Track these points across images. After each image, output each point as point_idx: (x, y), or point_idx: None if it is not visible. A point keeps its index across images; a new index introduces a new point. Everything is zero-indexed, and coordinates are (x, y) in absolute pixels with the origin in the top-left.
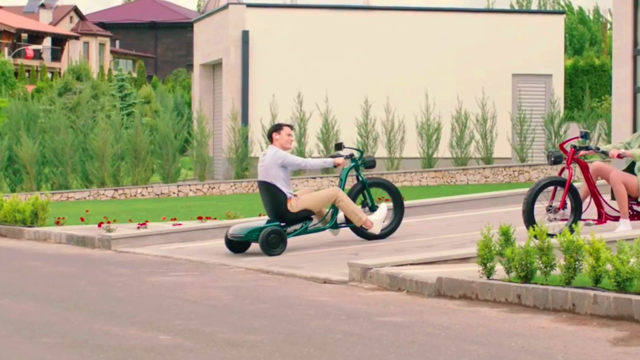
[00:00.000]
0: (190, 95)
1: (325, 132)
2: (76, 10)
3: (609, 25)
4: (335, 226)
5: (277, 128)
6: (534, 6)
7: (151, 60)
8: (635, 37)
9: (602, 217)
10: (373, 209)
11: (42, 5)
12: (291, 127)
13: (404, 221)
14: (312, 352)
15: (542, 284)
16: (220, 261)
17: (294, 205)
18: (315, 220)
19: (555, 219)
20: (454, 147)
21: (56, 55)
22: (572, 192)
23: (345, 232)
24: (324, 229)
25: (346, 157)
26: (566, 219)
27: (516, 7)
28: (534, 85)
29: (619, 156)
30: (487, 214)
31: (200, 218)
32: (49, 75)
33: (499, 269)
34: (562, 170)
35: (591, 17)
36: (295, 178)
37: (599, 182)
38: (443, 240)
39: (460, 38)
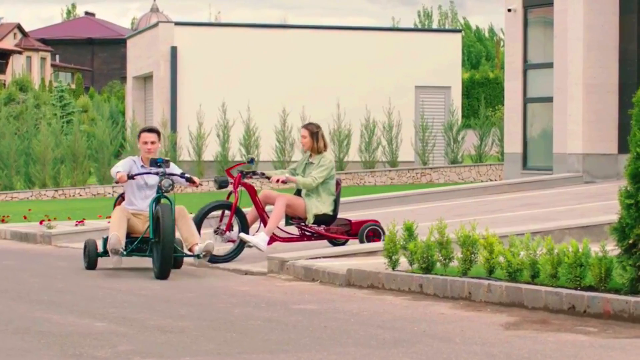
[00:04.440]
0: (124, 104)
1: (247, 138)
2: (19, 27)
3: (502, 43)
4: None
5: None
6: (435, 25)
7: (88, 73)
8: (525, 53)
9: (270, 240)
10: None
11: None
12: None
13: None
14: (234, 337)
15: (441, 275)
16: None
17: None
18: None
19: (223, 240)
20: (363, 152)
21: (1, 69)
22: (239, 215)
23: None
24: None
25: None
26: (233, 241)
27: (419, 26)
28: (435, 96)
29: (283, 182)
30: (392, 211)
31: None
32: None
33: (403, 261)
34: (230, 194)
35: (486, 35)
36: None
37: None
38: None
39: (368, 54)
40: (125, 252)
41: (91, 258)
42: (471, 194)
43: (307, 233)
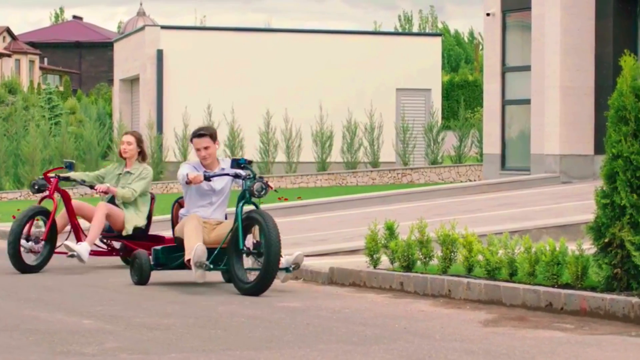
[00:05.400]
0: (111, 107)
1: (232, 139)
2: (8, 30)
3: (481, 46)
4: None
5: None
6: (415, 29)
7: (76, 76)
8: (503, 56)
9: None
10: None
11: None
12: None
13: (301, 217)
14: (218, 334)
15: (422, 273)
16: None
17: None
18: None
19: (31, 250)
20: (345, 153)
21: None
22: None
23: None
24: None
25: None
26: (37, 251)
27: (400, 30)
28: (416, 98)
29: (104, 192)
30: (374, 211)
31: None
32: None
33: (384, 259)
34: (43, 198)
35: (466, 38)
36: None
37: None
38: (335, 234)
39: (350, 57)
40: (212, 266)
41: (144, 272)
42: (451, 194)
43: (115, 246)
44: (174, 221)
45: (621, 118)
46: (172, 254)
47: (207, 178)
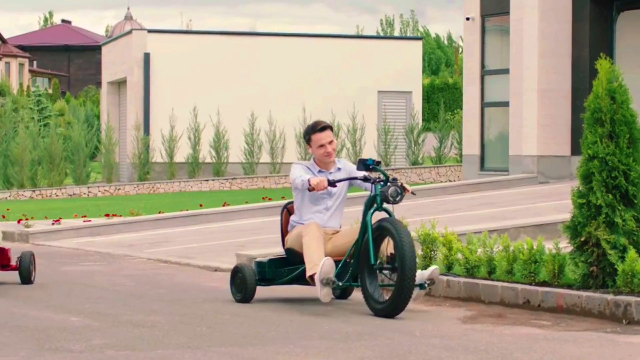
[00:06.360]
0: (99, 109)
1: (217, 140)
2: None
3: (460, 50)
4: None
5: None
6: (397, 33)
7: (65, 79)
8: (482, 60)
9: None
10: None
11: None
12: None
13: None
14: (204, 331)
15: None
16: (125, 252)
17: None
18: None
19: None
20: None
21: None
22: None
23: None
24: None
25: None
26: None
27: (382, 34)
28: (397, 101)
29: None
30: (356, 210)
31: (107, 215)
32: None
33: None
34: None
35: (446, 42)
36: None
37: None
38: None
39: (333, 60)
40: (340, 283)
41: (249, 288)
42: (431, 194)
43: None
44: (284, 230)
45: (597, 120)
46: (281, 268)
47: (333, 184)
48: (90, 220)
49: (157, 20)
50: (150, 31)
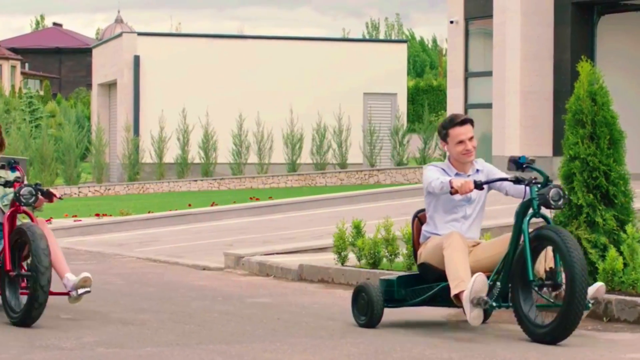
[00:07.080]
0: (90, 110)
1: (206, 141)
2: None
3: (445, 53)
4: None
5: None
6: (382, 36)
7: (56, 81)
8: (466, 62)
9: None
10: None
11: None
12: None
13: (272, 216)
14: (192, 328)
15: (387, 270)
16: (115, 251)
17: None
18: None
19: None
20: (314, 154)
21: None
22: None
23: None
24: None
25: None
26: None
27: (367, 37)
28: (382, 102)
29: None
30: (342, 210)
31: (97, 215)
32: None
33: (352, 257)
34: None
35: (430, 45)
36: None
37: None
38: (304, 233)
39: (320, 62)
40: (494, 304)
41: (376, 311)
42: (416, 194)
43: None
44: (415, 242)
45: (578, 121)
46: (414, 286)
47: (479, 186)
48: (80, 220)
49: (147, 23)
50: (140, 34)
